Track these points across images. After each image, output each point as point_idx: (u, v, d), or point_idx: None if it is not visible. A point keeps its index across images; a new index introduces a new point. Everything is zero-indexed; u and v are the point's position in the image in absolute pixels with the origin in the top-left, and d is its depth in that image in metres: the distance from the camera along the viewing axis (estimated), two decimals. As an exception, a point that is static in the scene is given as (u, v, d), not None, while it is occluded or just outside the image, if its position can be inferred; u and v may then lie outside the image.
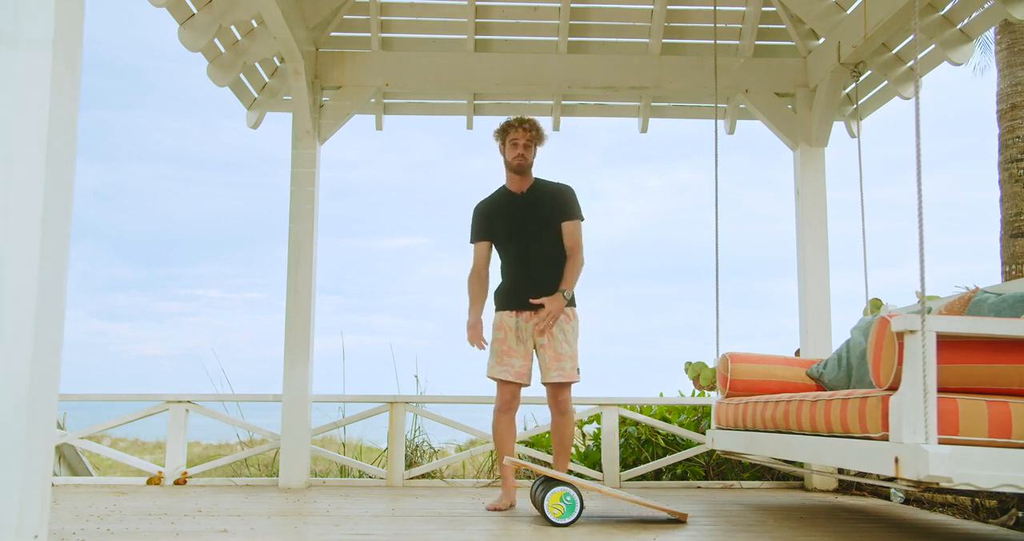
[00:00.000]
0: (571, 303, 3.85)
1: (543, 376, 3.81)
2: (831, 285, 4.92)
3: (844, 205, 5.01)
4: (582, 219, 3.91)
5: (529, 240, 3.89)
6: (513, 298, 3.87)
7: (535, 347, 3.84)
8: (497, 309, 3.93)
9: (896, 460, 2.41)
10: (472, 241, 4.03)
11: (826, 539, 2.97)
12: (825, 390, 3.75)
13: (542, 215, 3.89)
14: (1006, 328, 2.48)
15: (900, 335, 2.46)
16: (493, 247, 4.02)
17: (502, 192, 4.02)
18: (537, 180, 3.99)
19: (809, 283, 4.91)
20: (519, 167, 3.90)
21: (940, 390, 2.43)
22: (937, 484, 2.36)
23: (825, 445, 2.93)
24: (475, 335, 3.89)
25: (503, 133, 3.92)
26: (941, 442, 2.38)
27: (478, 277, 3.99)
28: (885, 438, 2.51)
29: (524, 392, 3.89)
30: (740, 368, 3.89)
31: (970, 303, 3.02)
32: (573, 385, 3.86)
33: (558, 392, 3.82)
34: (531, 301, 3.79)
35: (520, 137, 3.88)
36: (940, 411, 2.41)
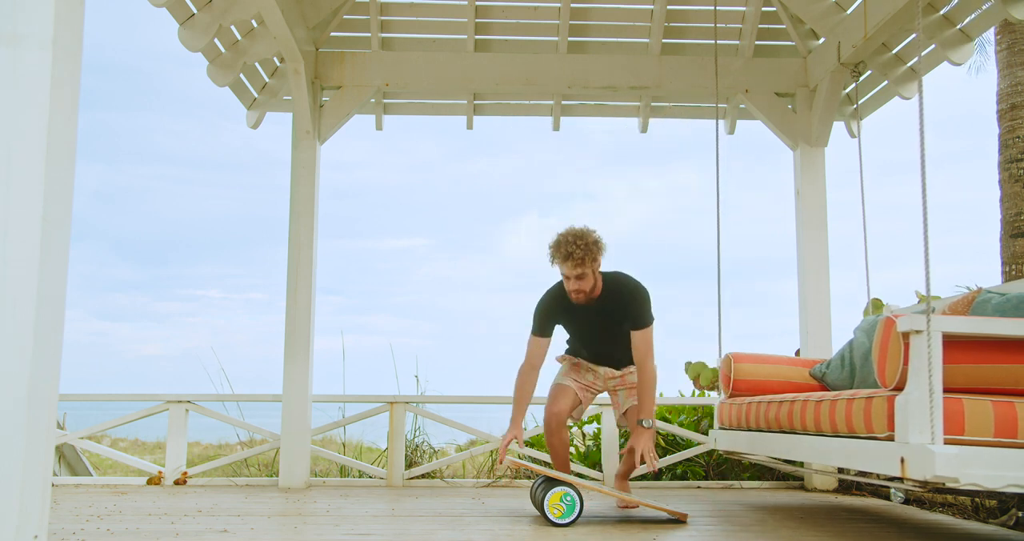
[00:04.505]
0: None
1: (625, 406, 3.88)
2: (831, 285, 4.92)
3: (844, 205, 5.01)
4: (653, 322, 3.67)
5: (602, 341, 3.84)
6: (591, 357, 3.91)
7: (610, 392, 3.95)
8: (569, 353, 3.96)
9: (902, 460, 2.40)
10: (533, 334, 3.73)
11: (826, 539, 2.96)
12: (828, 390, 3.75)
13: (615, 323, 3.70)
14: (1012, 328, 2.48)
15: (906, 335, 2.46)
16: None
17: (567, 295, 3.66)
18: (607, 285, 3.66)
19: (809, 283, 4.90)
20: (579, 302, 3.62)
21: (946, 390, 2.43)
22: (943, 484, 2.35)
23: (830, 445, 2.92)
24: (506, 445, 3.59)
25: (551, 260, 3.59)
26: (947, 442, 2.38)
27: (529, 376, 3.73)
28: (891, 438, 2.51)
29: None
30: (743, 368, 3.89)
31: (973, 303, 3.01)
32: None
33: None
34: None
35: (570, 272, 3.54)
36: (946, 411, 2.40)
